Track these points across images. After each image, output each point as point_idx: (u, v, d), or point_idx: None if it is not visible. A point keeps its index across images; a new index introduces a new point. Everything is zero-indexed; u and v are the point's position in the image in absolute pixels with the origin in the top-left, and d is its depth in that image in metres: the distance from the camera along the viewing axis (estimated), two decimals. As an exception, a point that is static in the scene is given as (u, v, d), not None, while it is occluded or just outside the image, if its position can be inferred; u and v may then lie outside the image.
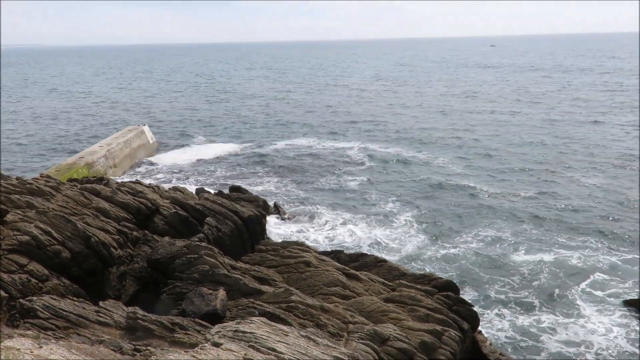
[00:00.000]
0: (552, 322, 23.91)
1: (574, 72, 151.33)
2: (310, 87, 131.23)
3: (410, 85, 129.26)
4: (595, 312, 24.67)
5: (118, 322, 13.59)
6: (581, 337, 22.76)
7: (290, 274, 20.27)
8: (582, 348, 21.98)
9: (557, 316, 24.38)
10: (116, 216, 22.52)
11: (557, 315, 24.43)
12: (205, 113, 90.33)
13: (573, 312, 24.66)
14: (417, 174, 48.46)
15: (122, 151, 52.75)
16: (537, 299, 25.91)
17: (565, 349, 21.94)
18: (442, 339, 16.61)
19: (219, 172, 50.65)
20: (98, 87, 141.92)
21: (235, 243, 26.27)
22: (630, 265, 29.02)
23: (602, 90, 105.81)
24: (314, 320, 15.73)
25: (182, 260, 18.80)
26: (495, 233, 33.96)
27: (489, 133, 65.84)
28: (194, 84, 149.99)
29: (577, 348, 21.97)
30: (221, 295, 16.37)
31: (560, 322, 23.92)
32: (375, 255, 24.34)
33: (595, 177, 45.44)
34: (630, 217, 35.92)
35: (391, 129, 71.40)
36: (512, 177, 46.48)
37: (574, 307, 25.09)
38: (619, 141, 58.96)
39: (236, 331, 9.69)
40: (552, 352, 21.80)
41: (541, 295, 26.17)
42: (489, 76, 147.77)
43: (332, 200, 41.30)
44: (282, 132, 71.42)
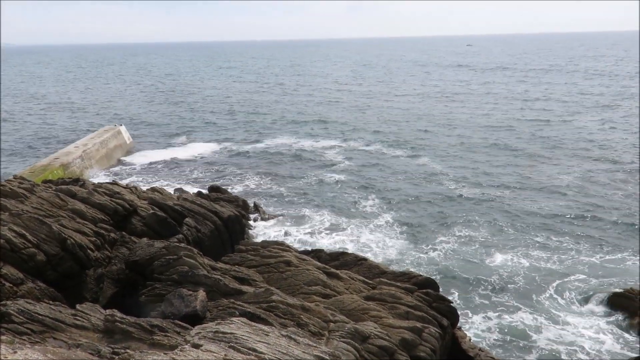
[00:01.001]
0: (531, 319, 24.29)
1: (547, 71, 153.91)
2: (287, 87, 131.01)
3: (384, 84, 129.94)
4: (573, 309, 25.16)
5: (96, 325, 13.38)
6: (559, 333, 23.18)
7: (270, 273, 20.21)
8: (560, 346, 22.36)
9: (535, 314, 24.76)
10: (93, 218, 22.18)
11: (536, 313, 24.82)
12: (182, 113, 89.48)
13: (551, 310, 25.08)
14: (397, 173, 48.75)
15: (98, 152, 51.97)
16: (515, 296, 26.29)
17: (544, 346, 22.30)
18: (422, 336, 16.75)
19: (197, 172, 50.24)
20: (68, 87, 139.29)
21: (215, 243, 26.12)
22: (609, 264, 29.59)
23: (574, 88, 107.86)
24: (294, 319, 15.71)
25: (161, 262, 18.60)
26: (473, 232, 34.34)
27: (466, 132, 66.56)
28: (170, 83, 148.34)
29: (556, 345, 22.34)
30: (201, 296, 16.25)
31: (538, 319, 24.30)
32: (355, 254, 24.42)
33: (571, 175, 46.28)
34: (608, 215, 36.66)
35: (370, 127, 71.67)
36: (490, 176, 47.05)
37: (552, 305, 25.53)
38: (594, 139, 60.16)
39: (216, 332, 9.63)
40: (530, 350, 22.15)
41: (519, 293, 26.56)
42: (463, 75, 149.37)
43: (312, 199, 41.30)
44: (261, 132, 71.15)
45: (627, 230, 33.81)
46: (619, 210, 37.09)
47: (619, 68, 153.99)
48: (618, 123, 68.70)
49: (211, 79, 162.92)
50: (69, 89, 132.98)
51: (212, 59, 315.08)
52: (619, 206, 37.96)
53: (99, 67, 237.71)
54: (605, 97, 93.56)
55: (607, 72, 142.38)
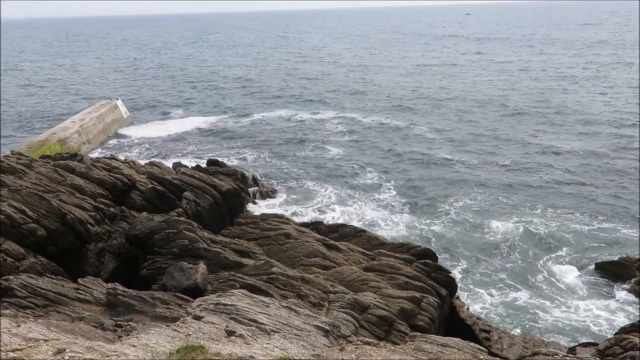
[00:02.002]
0: (528, 288, 24.62)
1: (544, 42, 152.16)
2: (284, 59, 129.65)
3: (383, 55, 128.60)
4: (570, 278, 25.44)
5: (98, 299, 13.54)
6: (556, 302, 23.50)
7: (270, 246, 20.35)
8: (559, 314, 22.70)
9: (533, 283, 25.08)
10: (92, 193, 22.21)
11: (533, 282, 25.14)
12: (178, 86, 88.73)
13: (549, 279, 25.39)
14: (396, 144, 48.66)
15: (95, 126, 51.68)
16: (513, 266, 26.61)
17: (542, 314, 22.64)
18: (421, 306, 16.98)
19: (196, 146, 50.10)
20: (65, 61, 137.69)
21: (214, 217, 26.22)
22: (605, 233, 29.82)
23: (574, 59, 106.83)
24: (294, 291, 15.90)
25: (161, 236, 18.71)
26: (472, 202, 34.48)
27: (464, 103, 66.19)
28: (164, 57, 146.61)
29: (554, 313, 22.68)
30: (202, 269, 16.39)
31: (535, 288, 24.64)
32: (354, 226, 24.56)
33: (571, 143, 46.23)
34: (606, 185, 36.76)
35: (368, 99, 71.24)
36: (489, 147, 46.97)
37: (549, 274, 25.83)
38: (593, 108, 59.89)
39: (217, 304, 9.74)
40: (527, 317, 22.49)
41: (518, 264, 26.86)
42: (461, 46, 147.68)
43: (311, 172, 41.31)
44: (259, 104, 70.70)
45: (625, 200, 33.96)
46: (616, 181, 37.20)
47: (615, 37, 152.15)
48: (617, 92, 68.30)
49: (204, 51, 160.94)
50: (64, 64, 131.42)
51: (204, 31, 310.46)
52: (617, 177, 38.05)
53: (90, 41, 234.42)
54: (604, 66, 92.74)
55: (607, 40, 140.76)
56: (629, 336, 16.89)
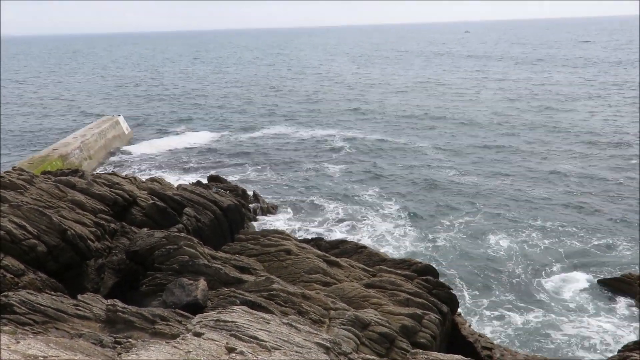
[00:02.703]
0: (531, 306, 24.44)
1: (542, 59, 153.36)
2: (284, 76, 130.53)
3: (382, 73, 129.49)
4: (572, 295, 25.29)
5: (97, 315, 13.46)
6: (559, 319, 23.33)
7: (271, 262, 20.28)
8: (562, 331, 22.53)
9: (535, 300, 24.90)
10: (92, 208, 22.20)
11: (536, 300, 24.96)
12: (180, 103, 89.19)
13: (551, 296, 25.23)
14: (396, 161, 48.75)
15: (97, 142, 51.85)
16: (516, 284, 26.42)
17: (544, 332, 22.47)
18: (422, 322, 16.85)
19: (196, 162, 50.20)
20: (65, 78, 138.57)
21: (214, 233, 26.16)
22: (608, 250, 29.71)
23: (572, 77, 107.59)
24: (295, 307, 15.80)
25: (161, 252, 18.65)
26: (473, 218, 34.41)
27: (464, 120, 66.48)
28: (166, 73, 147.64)
29: (556, 330, 22.50)
30: (202, 285, 16.31)
31: (538, 305, 24.45)
32: (355, 242, 24.49)
33: (570, 160, 46.34)
34: (606, 202, 36.74)
35: (367, 117, 71.54)
36: (490, 163, 47.06)
37: (552, 291, 25.67)
38: (592, 125, 60.13)
39: (217, 320, 9.68)
40: (530, 336, 22.32)
41: (520, 281, 26.68)
42: (461, 64, 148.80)
43: (312, 188, 41.32)
44: (259, 121, 70.99)
45: (625, 216, 33.91)
46: (616, 198, 37.19)
47: (612, 55, 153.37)
48: (617, 109, 68.63)
49: (204, 68, 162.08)
50: (64, 80, 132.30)
51: (205, 49, 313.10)
52: (616, 194, 38.05)
53: (90, 57, 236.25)
54: (603, 84, 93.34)
55: (600, 59, 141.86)
56: (632, 354, 16.75)
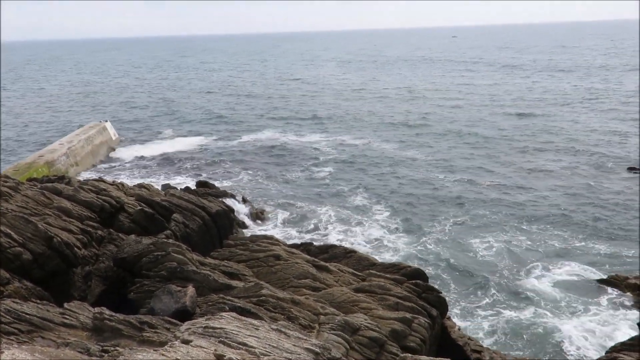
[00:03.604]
0: (519, 308, 24.58)
1: (528, 64, 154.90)
2: (271, 81, 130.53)
3: (369, 78, 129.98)
4: (558, 296, 25.48)
5: (84, 324, 13.28)
6: (546, 320, 23.48)
7: (260, 267, 20.18)
8: (549, 332, 22.66)
9: (523, 302, 25.05)
10: (79, 215, 21.95)
11: (524, 301, 25.11)
12: (168, 108, 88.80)
13: (538, 297, 25.39)
14: (384, 165, 48.90)
15: (83, 148, 51.41)
16: (505, 286, 26.57)
17: (533, 332, 22.59)
18: (412, 327, 16.85)
19: (184, 167, 49.97)
20: (51, 83, 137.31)
21: (203, 239, 26.00)
22: (593, 250, 30.02)
23: (558, 82, 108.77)
24: (285, 313, 15.73)
25: (149, 258, 18.48)
26: (462, 221, 34.62)
27: (452, 124, 66.93)
28: (153, 79, 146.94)
29: (544, 332, 22.64)
30: (190, 292, 16.18)
31: (526, 306, 24.60)
32: (344, 246, 24.47)
33: (557, 163, 46.75)
34: (592, 203, 37.13)
35: (355, 121, 71.75)
36: (478, 167, 47.37)
37: (539, 292, 25.84)
38: (579, 129, 60.79)
39: (206, 327, 9.60)
40: (519, 337, 22.42)
41: (507, 282, 26.87)
42: (449, 68, 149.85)
43: (301, 193, 41.29)
44: (247, 125, 70.94)
45: (612, 218, 34.25)
46: (602, 200, 37.58)
47: (596, 60, 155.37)
48: (604, 114, 69.46)
49: (192, 73, 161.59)
50: (48, 86, 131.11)
51: (193, 53, 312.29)
52: (602, 196, 38.46)
53: (75, 63, 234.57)
54: (589, 89, 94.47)
55: (585, 63, 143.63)
56: (620, 354, 16.89)
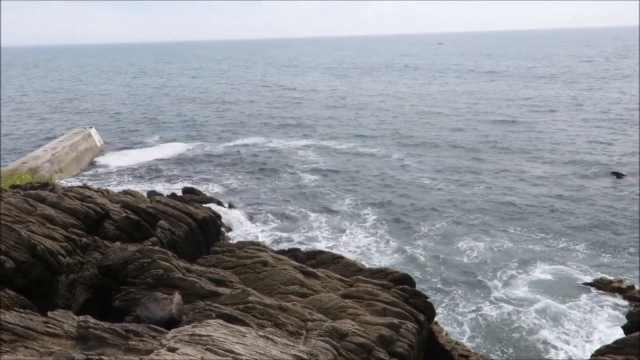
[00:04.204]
0: (504, 312, 24.74)
1: (515, 72, 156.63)
2: (256, 87, 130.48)
3: (356, 84, 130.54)
4: (545, 300, 25.68)
5: (69, 332, 13.09)
6: (530, 322, 23.64)
7: (247, 274, 20.08)
8: (532, 336, 22.83)
9: (508, 306, 25.21)
10: (63, 223, 21.68)
11: (508, 305, 25.27)
12: (153, 114, 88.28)
13: (523, 299, 25.58)
14: (371, 170, 49.03)
15: (68, 155, 50.86)
16: (489, 290, 26.76)
17: (519, 337, 22.72)
18: (399, 332, 16.86)
19: (170, 173, 49.65)
20: (34, 89, 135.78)
21: (189, 245, 25.82)
22: (579, 255, 30.33)
23: (540, 89, 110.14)
24: (272, 319, 15.65)
25: (134, 266, 18.30)
26: (448, 226, 34.80)
27: (438, 130, 67.37)
28: (138, 84, 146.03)
29: (528, 336, 22.80)
30: (176, 299, 16.04)
31: (511, 311, 24.76)
32: (332, 252, 24.43)
33: (542, 169, 47.25)
34: (576, 208, 37.56)
35: (342, 126, 71.96)
36: (463, 172, 47.71)
37: (524, 297, 26.04)
38: (563, 136, 61.55)
39: (192, 335, 9.51)
40: (505, 341, 22.54)
41: (492, 286, 27.02)
42: (436, 74, 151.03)
43: (288, 198, 41.22)
44: (232, 132, 70.82)
45: (595, 222, 34.66)
46: (586, 205, 38.04)
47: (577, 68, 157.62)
48: (588, 121, 70.44)
49: (177, 79, 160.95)
50: (31, 92, 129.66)
51: (178, 59, 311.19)
52: (586, 202, 38.93)
53: (59, 68, 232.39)
54: (567, 97, 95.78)
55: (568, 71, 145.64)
56: (605, 357, 17.04)
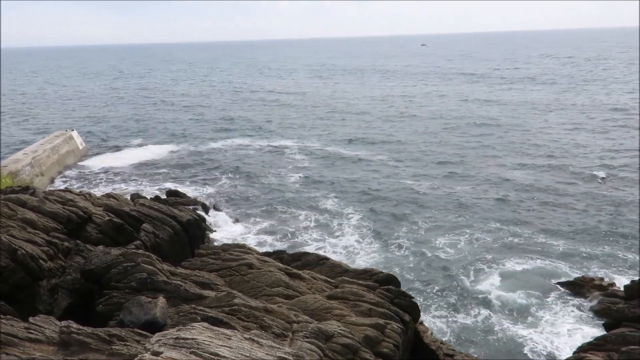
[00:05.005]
0: (488, 310, 24.97)
1: (500, 73, 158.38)
2: (238, 88, 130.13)
3: (340, 86, 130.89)
4: (526, 298, 25.98)
5: (50, 338, 12.91)
6: (514, 323, 23.91)
7: (232, 277, 20.00)
8: (516, 336, 23.06)
9: (491, 304, 25.45)
10: (45, 227, 21.40)
11: (492, 304, 25.51)
12: (136, 116, 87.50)
13: (506, 300, 25.83)
14: (356, 170, 49.20)
15: (49, 158, 50.17)
16: (473, 288, 26.96)
17: (499, 337, 22.96)
18: (385, 332, 16.93)
19: (154, 176, 49.25)
20: (15, 92, 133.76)
21: (174, 248, 25.65)
22: (561, 252, 30.74)
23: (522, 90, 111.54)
24: (257, 322, 15.61)
25: (118, 269, 18.11)
26: (432, 225, 35.04)
27: (420, 131, 67.82)
28: (120, 86, 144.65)
29: (511, 334, 23.04)
30: (161, 302, 15.91)
31: (494, 309, 25.01)
32: (317, 254, 24.45)
33: (519, 169, 47.82)
34: (558, 207, 38.08)
35: (326, 127, 72.06)
36: (445, 171, 48.07)
37: (506, 295, 26.30)
38: (546, 137, 62.36)
39: (177, 338, 9.45)
40: (487, 340, 22.76)
41: (477, 285, 27.25)
42: (418, 76, 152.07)
43: (272, 200, 41.16)
44: (216, 133, 70.53)
45: (578, 220, 35.17)
46: (567, 204, 38.59)
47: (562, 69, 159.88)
48: (568, 125, 71.49)
49: (160, 81, 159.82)
50: (10, 94, 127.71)
51: (160, 61, 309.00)
52: (567, 200, 39.49)
53: (40, 71, 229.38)
54: (551, 100, 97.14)
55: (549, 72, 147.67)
56: (587, 354, 17.31)
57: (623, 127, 63.88)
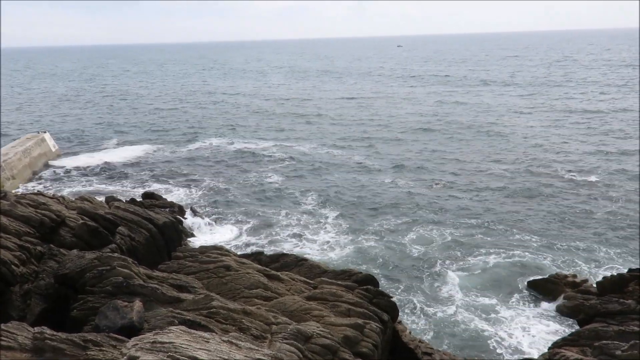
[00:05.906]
0: (464, 309, 25.28)
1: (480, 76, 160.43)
2: (215, 90, 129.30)
3: (316, 87, 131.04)
4: (501, 297, 26.38)
5: (23, 345, 12.62)
6: (491, 321, 24.25)
7: (210, 279, 19.84)
8: (489, 333, 23.40)
9: (467, 303, 25.79)
10: (16, 231, 20.91)
11: (468, 302, 25.85)
12: (110, 117, 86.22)
13: (481, 299, 26.20)
14: (334, 170, 49.30)
15: (20, 161, 49.07)
16: (449, 287, 27.27)
17: (475, 335, 23.26)
18: (364, 332, 16.98)
19: (130, 178, 48.56)
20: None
21: (150, 251, 25.34)
22: (535, 251, 31.28)
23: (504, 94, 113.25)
24: (236, 324, 15.51)
25: (93, 273, 17.80)
26: (408, 224, 35.34)
27: (398, 132, 68.33)
28: (93, 87, 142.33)
29: (488, 332, 23.37)
30: (137, 306, 15.69)
31: (470, 307, 25.34)
32: (295, 255, 24.43)
33: (501, 167, 48.54)
34: (535, 206, 38.74)
35: (304, 128, 72.09)
36: (422, 171, 48.50)
37: (482, 293, 26.67)
38: (517, 137, 63.41)
39: (154, 342, 9.33)
40: (462, 338, 23.03)
41: (451, 284, 27.55)
42: (395, 77, 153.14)
43: (251, 201, 40.97)
44: (193, 134, 70.01)
45: (555, 219, 35.82)
46: (546, 203, 39.29)
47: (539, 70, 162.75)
48: (546, 125, 72.78)
49: (134, 82, 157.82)
50: None
51: (135, 62, 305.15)
52: (546, 199, 40.21)
53: (16, 72, 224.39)
54: (529, 101, 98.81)
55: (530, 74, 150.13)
56: (561, 350, 17.64)
57: (594, 128, 65.42)
